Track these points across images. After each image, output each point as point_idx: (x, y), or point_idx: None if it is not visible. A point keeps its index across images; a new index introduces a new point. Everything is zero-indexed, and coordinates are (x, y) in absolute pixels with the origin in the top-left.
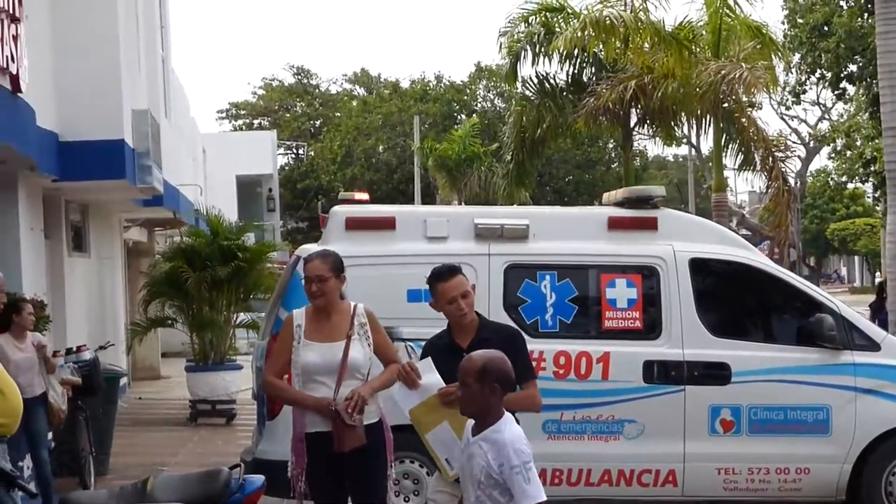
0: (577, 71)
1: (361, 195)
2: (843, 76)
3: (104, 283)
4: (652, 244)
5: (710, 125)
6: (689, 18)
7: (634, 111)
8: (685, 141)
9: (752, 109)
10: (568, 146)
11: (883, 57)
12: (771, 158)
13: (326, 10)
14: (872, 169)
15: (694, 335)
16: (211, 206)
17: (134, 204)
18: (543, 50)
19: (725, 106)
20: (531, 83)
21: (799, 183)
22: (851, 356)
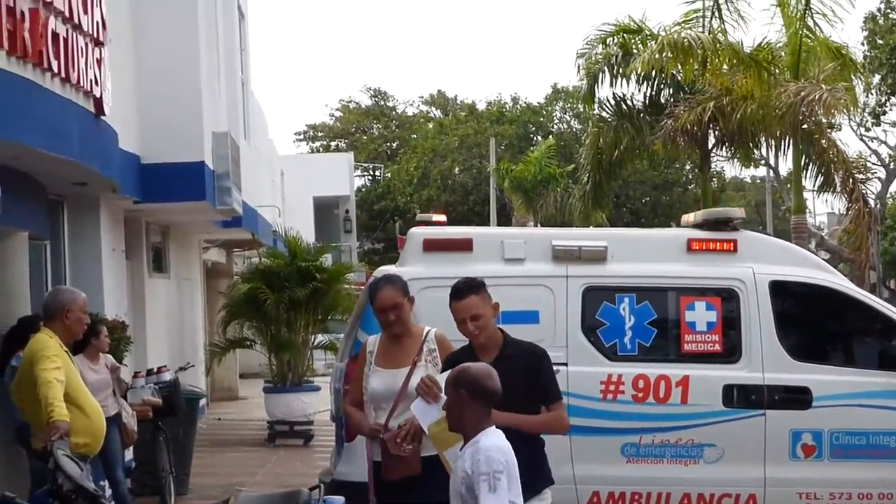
0: (654, 92)
1: (439, 217)
2: None
3: (183, 303)
4: (732, 266)
5: (789, 147)
6: (767, 40)
7: (712, 133)
8: (763, 162)
9: (831, 131)
10: (645, 167)
11: None
12: (851, 180)
13: (403, 32)
14: None
15: (774, 359)
16: (289, 227)
17: (213, 225)
18: (621, 71)
19: (805, 127)
20: (608, 104)
21: (879, 205)
22: None
